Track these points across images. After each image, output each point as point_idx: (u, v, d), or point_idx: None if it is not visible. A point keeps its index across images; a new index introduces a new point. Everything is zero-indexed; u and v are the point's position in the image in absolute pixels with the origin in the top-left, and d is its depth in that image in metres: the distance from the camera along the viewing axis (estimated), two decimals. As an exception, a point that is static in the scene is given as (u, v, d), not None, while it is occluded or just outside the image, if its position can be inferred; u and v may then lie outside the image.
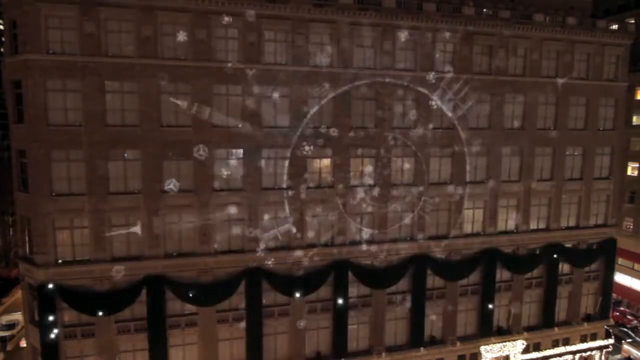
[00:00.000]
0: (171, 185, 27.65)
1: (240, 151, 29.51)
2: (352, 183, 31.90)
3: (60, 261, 27.20)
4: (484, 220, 35.68)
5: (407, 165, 33.13)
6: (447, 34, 32.40)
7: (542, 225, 37.54)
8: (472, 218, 35.46)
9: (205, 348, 30.16)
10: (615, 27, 38.16)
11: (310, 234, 31.25)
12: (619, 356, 44.88)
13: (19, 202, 28.17)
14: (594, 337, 40.36)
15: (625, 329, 49.32)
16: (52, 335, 27.16)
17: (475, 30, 33.20)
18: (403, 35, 31.42)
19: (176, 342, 29.82)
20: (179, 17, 27.33)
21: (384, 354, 33.83)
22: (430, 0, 32.21)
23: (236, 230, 29.88)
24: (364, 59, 31.21)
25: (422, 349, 34.74)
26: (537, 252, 37.29)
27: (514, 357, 37.41)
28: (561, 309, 39.28)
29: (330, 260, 31.59)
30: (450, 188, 34.13)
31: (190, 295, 28.85)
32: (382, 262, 32.88)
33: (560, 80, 35.78)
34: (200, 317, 29.87)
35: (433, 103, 32.85)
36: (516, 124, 35.56)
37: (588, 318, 40.17)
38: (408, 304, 34.21)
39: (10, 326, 44.06)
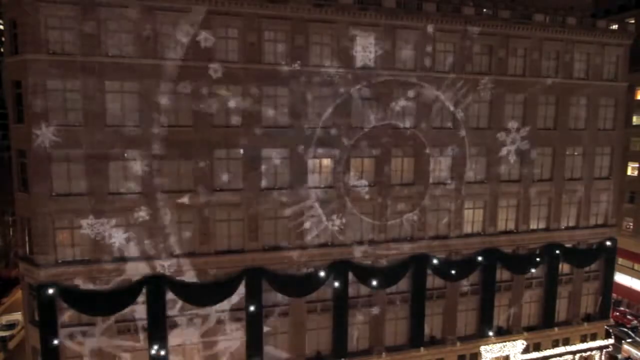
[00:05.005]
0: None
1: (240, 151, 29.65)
2: (352, 182, 31.95)
3: (60, 261, 27.21)
4: (484, 220, 35.72)
5: (407, 165, 33.21)
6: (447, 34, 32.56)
7: (542, 225, 37.55)
8: (472, 218, 35.50)
9: (206, 348, 30.18)
10: (615, 27, 38.15)
11: (312, 234, 31.31)
12: (619, 356, 44.86)
13: (19, 202, 28.15)
14: (594, 337, 40.37)
15: (625, 329, 49.33)
16: (52, 335, 27.14)
17: (475, 30, 33.24)
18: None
19: (177, 342, 29.84)
20: (179, 17, 27.33)
21: (384, 354, 33.86)
22: (430, 0, 32.24)
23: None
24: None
25: (422, 349, 34.77)
26: (537, 252, 37.32)
27: (514, 357, 37.42)
28: (561, 309, 39.30)
29: (330, 260, 31.65)
30: (451, 188, 34.20)
31: (191, 295, 28.90)
32: (382, 262, 32.95)
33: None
34: (201, 317, 29.88)
35: (434, 102, 32.95)
36: (516, 124, 35.56)
37: (588, 318, 40.19)
38: (408, 304, 34.33)
39: (11, 326, 44.09)
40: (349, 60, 30.73)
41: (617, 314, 51.21)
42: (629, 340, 46.85)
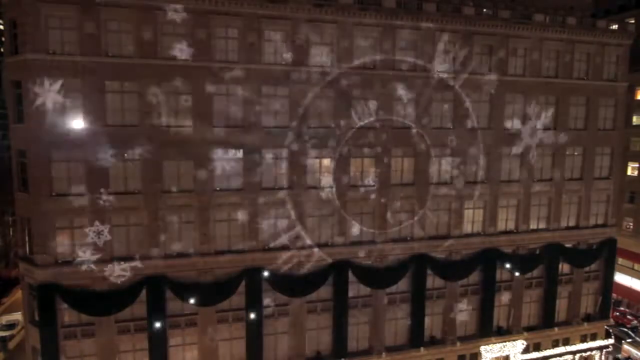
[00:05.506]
0: None
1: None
2: (353, 183, 31.96)
3: (60, 261, 27.19)
4: (484, 220, 35.70)
5: (407, 165, 33.20)
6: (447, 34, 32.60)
7: (542, 225, 37.53)
8: (472, 218, 35.48)
9: (205, 348, 30.18)
10: (615, 27, 38.14)
11: (311, 234, 31.28)
12: (619, 356, 44.86)
13: (19, 202, 28.14)
14: (594, 337, 40.36)
15: (625, 329, 49.32)
16: (52, 335, 27.12)
17: (475, 30, 33.24)
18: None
19: (176, 342, 29.84)
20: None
21: (384, 354, 33.85)
22: (430, 0, 32.23)
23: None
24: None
25: (422, 349, 34.77)
26: (537, 252, 37.31)
27: (514, 357, 37.41)
28: (561, 309, 39.29)
29: (330, 260, 31.64)
30: (451, 187, 34.19)
31: (190, 295, 28.90)
32: (382, 262, 32.94)
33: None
34: (200, 317, 29.89)
35: (434, 102, 32.95)
36: (517, 124, 35.54)
37: (588, 318, 40.19)
38: (408, 304, 34.32)
39: (11, 326, 44.09)
40: (348, 60, 30.72)
41: (617, 314, 51.20)
42: (629, 340, 46.85)
